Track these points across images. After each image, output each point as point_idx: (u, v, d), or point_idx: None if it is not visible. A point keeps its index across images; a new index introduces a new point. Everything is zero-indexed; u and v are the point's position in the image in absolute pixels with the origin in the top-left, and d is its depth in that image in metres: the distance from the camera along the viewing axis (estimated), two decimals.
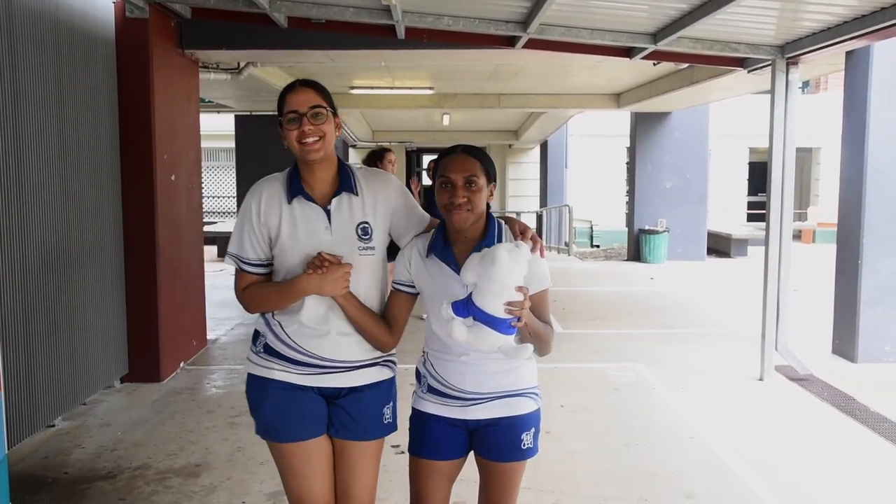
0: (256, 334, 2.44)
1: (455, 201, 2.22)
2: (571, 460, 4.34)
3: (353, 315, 2.32)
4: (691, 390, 5.80)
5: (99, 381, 5.45)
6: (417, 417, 2.42)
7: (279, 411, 2.35)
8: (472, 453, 2.43)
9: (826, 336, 7.10)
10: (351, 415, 2.38)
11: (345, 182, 2.36)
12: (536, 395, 2.39)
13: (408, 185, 7.85)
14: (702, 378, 6.14)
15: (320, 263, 2.25)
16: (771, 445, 4.66)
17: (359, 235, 2.33)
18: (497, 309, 2.06)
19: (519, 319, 2.08)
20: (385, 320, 2.40)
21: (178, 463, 4.30)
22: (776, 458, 4.46)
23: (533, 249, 2.21)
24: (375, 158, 7.13)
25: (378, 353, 2.42)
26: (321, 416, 2.37)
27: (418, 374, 2.45)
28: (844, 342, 6.78)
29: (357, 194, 2.36)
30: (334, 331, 2.34)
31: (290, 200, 2.33)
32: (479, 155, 2.30)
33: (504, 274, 2.03)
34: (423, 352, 2.45)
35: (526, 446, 2.35)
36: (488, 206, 2.34)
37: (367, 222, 2.34)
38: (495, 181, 2.34)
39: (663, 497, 3.92)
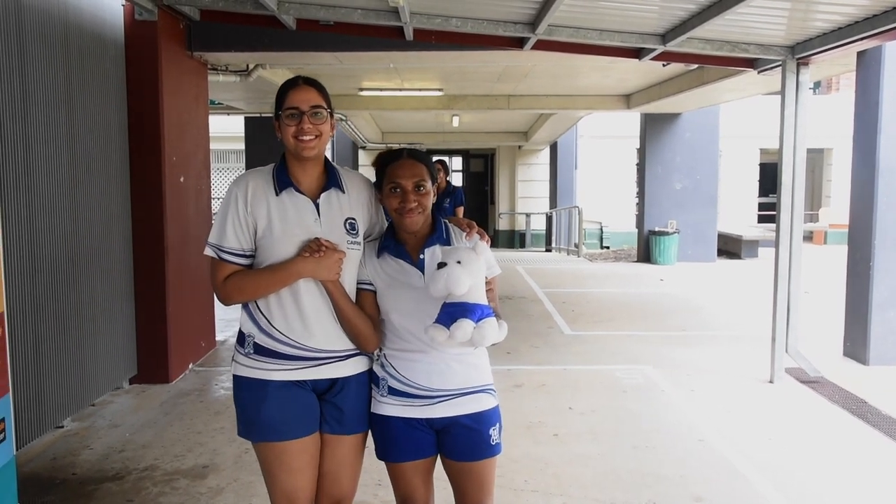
0: (242, 335, 2.43)
1: (406, 206, 2.33)
2: (580, 463, 4.32)
3: (342, 304, 2.35)
4: (701, 392, 5.76)
5: (108, 383, 5.47)
6: (380, 422, 2.43)
7: (281, 411, 2.36)
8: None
9: (837, 338, 7.05)
10: (340, 409, 2.42)
11: (332, 179, 2.44)
12: (494, 391, 2.46)
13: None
14: (711, 380, 6.10)
15: (317, 248, 2.30)
16: (781, 449, 4.62)
17: (346, 229, 2.40)
18: (471, 291, 2.19)
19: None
20: None
21: (186, 464, 4.31)
22: (786, 461, 4.42)
23: (481, 238, 2.40)
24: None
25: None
26: (317, 411, 2.42)
27: (376, 378, 2.45)
28: (856, 345, 6.73)
29: (344, 192, 2.44)
30: (323, 320, 2.38)
31: (278, 192, 2.37)
32: (424, 159, 2.41)
33: (471, 258, 2.20)
34: (378, 354, 2.47)
35: (494, 441, 2.41)
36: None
37: (353, 218, 2.43)
38: (436, 180, 2.45)
39: (672, 500, 3.89)
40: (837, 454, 4.59)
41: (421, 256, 2.38)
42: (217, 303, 7.31)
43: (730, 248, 16.02)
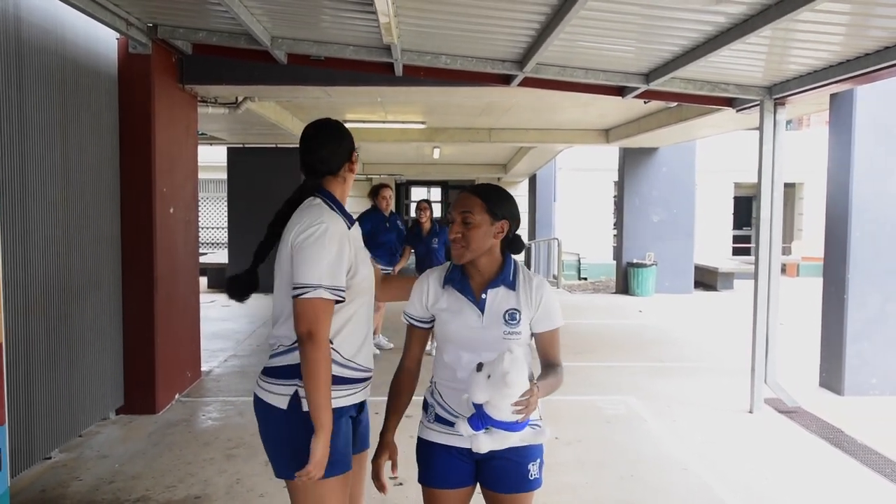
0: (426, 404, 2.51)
1: (451, 237, 2.36)
2: (568, 492, 4.39)
3: None
4: (682, 423, 5.87)
5: (95, 413, 5.46)
6: (424, 447, 2.47)
7: (347, 439, 2.50)
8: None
9: (813, 369, 7.21)
10: (363, 425, 2.60)
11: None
12: (541, 426, 2.43)
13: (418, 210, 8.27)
14: (692, 410, 6.22)
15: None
16: (761, 476, 4.74)
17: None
18: (511, 415, 2.15)
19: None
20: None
21: (178, 495, 4.32)
22: (766, 489, 4.53)
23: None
24: (373, 194, 8.00)
25: None
26: None
27: (426, 404, 2.50)
28: (831, 375, 6.89)
29: None
30: (370, 338, 2.56)
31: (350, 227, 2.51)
32: (481, 192, 2.38)
33: (513, 389, 2.11)
34: (432, 381, 2.50)
35: (533, 477, 2.39)
36: (512, 244, 2.42)
37: None
38: (509, 218, 2.38)
39: None
40: (815, 482, 4.71)
41: (483, 296, 2.37)
42: (203, 333, 7.36)
43: (706, 280, 16.25)
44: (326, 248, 2.32)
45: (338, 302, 2.34)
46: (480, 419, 2.18)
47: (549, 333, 2.40)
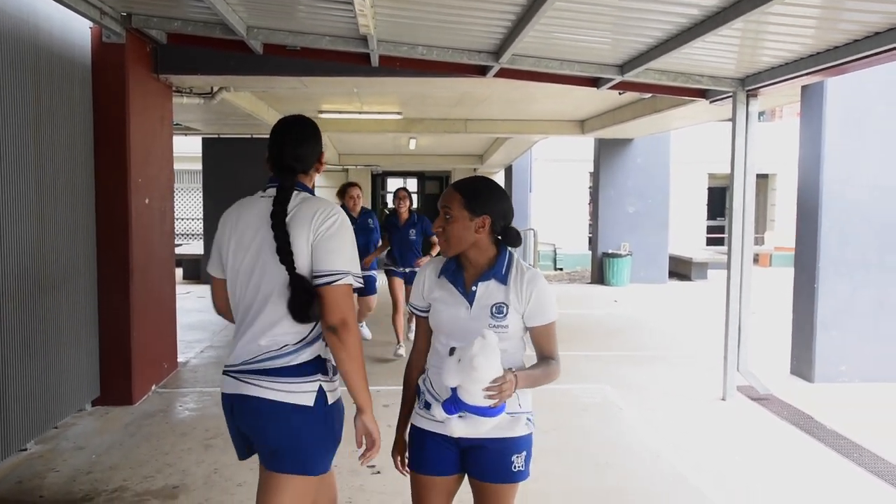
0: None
1: (433, 230, 2.42)
2: (545, 480, 4.44)
3: None
4: (657, 410, 5.96)
5: (70, 405, 5.43)
6: (414, 433, 2.51)
7: None
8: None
9: (784, 357, 7.34)
10: None
11: None
12: (529, 419, 2.43)
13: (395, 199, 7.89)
14: (667, 398, 6.31)
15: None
16: (733, 462, 4.83)
17: None
18: (483, 400, 2.18)
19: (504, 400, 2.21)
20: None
21: (156, 485, 4.32)
22: (738, 474, 4.63)
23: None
24: (341, 194, 7.79)
25: None
26: None
27: (418, 391, 2.53)
28: (802, 363, 7.02)
29: None
30: None
31: None
32: (462, 187, 2.41)
33: (482, 373, 2.14)
34: (425, 369, 2.53)
35: (516, 469, 2.38)
36: (505, 238, 2.43)
37: None
38: (491, 214, 2.38)
39: None
40: (786, 466, 4.81)
41: (473, 288, 2.39)
42: (179, 324, 7.33)
43: (680, 270, 16.42)
44: (348, 236, 2.39)
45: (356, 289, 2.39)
46: (454, 403, 2.22)
47: (542, 328, 2.40)
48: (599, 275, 14.51)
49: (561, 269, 19.13)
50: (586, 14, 4.59)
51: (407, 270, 7.79)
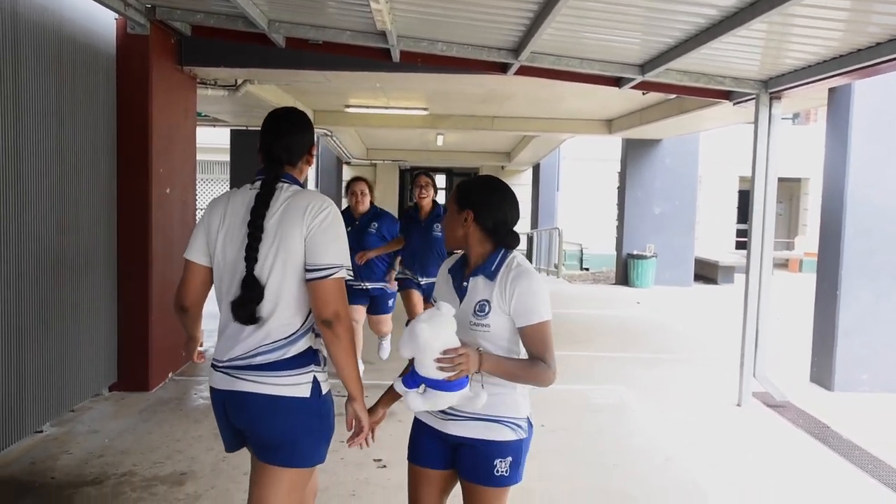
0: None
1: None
2: (550, 480, 4.43)
3: None
4: (670, 414, 5.91)
5: (88, 389, 5.53)
6: (414, 425, 2.56)
7: None
8: None
9: (805, 364, 7.23)
10: None
11: None
12: (519, 425, 2.37)
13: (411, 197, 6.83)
14: (681, 402, 6.25)
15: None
16: (744, 470, 4.77)
17: None
18: (436, 372, 2.19)
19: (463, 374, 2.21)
20: None
21: (164, 471, 4.38)
22: (749, 482, 4.57)
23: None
24: (347, 190, 6.52)
25: None
26: None
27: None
28: (822, 371, 6.91)
29: None
30: None
31: None
32: (459, 183, 2.52)
33: (429, 343, 2.16)
34: None
35: (499, 473, 2.34)
36: (495, 235, 2.41)
37: None
38: (473, 208, 2.40)
39: None
40: (797, 475, 4.74)
41: (465, 284, 2.41)
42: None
43: (706, 273, 16.25)
44: (341, 228, 2.40)
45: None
46: (412, 377, 2.26)
47: (529, 328, 2.32)
48: (624, 276, 14.41)
49: (587, 269, 19.06)
50: (603, 12, 4.56)
51: (425, 283, 6.28)
